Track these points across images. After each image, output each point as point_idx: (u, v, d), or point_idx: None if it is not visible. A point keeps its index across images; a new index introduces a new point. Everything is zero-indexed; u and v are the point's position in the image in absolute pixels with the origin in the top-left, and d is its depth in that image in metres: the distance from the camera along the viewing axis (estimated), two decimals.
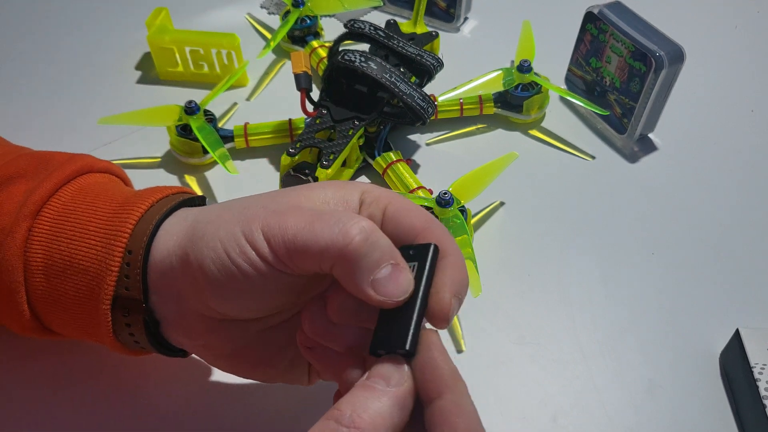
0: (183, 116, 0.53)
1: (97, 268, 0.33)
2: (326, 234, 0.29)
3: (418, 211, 0.32)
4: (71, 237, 0.34)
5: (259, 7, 0.72)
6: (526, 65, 0.57)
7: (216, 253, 0.30)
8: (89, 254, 0.34)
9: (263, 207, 0.31)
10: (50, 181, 0.35)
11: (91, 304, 0.34)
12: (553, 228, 0.51)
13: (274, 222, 0.30)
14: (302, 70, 0.50)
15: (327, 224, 0.29)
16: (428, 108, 0.51)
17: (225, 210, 0.32)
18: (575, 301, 0.47)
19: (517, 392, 0.42)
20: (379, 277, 0.28)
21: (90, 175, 0.38)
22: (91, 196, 0.36)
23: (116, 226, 0.34)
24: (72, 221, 0.34)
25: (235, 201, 0.33)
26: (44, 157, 0.38)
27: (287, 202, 0.31)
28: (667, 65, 0.51)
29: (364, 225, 0.29)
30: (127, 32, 0.67)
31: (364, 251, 0.28)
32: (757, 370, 0.39)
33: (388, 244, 0.29)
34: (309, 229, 0.29)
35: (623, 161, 0.57)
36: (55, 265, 0.34)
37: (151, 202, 0.35)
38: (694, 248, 0.50)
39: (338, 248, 0.28)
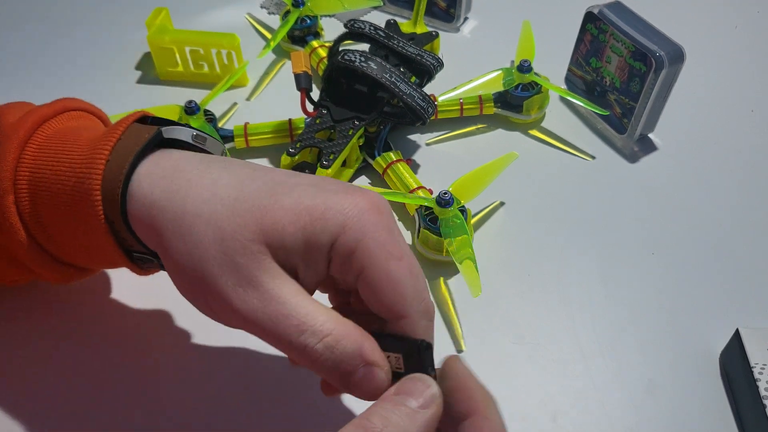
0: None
1: (87, 224, 0.34)
2: (292, 351, 0.30)
3: (392, 290, 0.30)
4: (52, 204, 0.34)
5: (259, 7, 0.72)
6: (526, 65, 0.57)
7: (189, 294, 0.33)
8: (74, 213, 0.34)
9: (220, 276, 0.30)
10: (10, 148, 0.35)
11: (106, 254, 0.35)
12: (553, 228, 0.51)
13: (236, 305, 0.30)
14: (302, 70, 0.50)
15: (290, 333, 0.29)
16: (428, 108, 0.51)
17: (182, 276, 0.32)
18: (575, 301, 0.47)
19: (517, 392, 0.42)
20: (357, 380, 0.30)
21: (46, 125, 0.37)
22: (52, 153, 0.35)
23: (85, 177, 0.33)
24: (45, 189, 0.34)
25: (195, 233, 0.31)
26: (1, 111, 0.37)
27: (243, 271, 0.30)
28: (667, 65, 0.51)
29: (328, 341, 0.29)
30: (127, 32, 0.67)
31: (330, 367, 0.29)
32: (757, 370, 0.39)
33: (352, 347, 0.29)
34: (273, 333, 0.30)
35: (623, 161, 0.57)
36: (52, 227, 0.35)
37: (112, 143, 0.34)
38: (694, 248, 0.50)
39: (305, 363, 0.30)
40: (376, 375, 0.30)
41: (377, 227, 0.31)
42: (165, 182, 0.32)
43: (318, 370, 0.30)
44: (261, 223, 0.30)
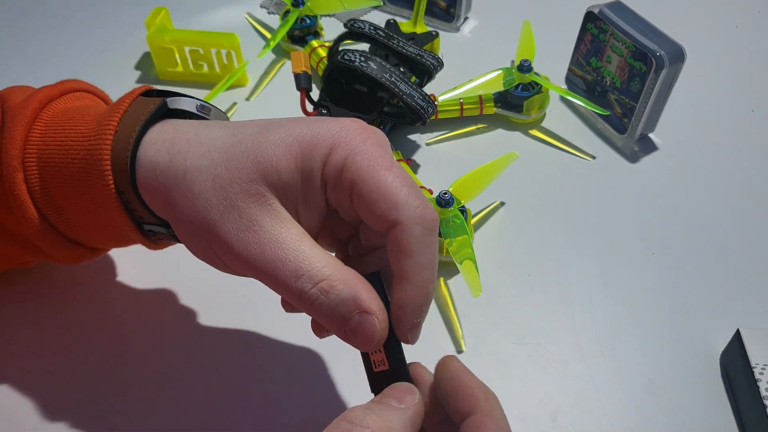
0: None
1: (96, 196, 0.34)
2: (288, 293, 0.30)
3: (384, 197, 0.30)
4: (62, 181, 0.35)
5: (258, 6, 0.72)
6: (527, 65, 0.56)
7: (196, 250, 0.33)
8: (84, 186, 0.34)
9: (223, 222, 0.30)
10: (18, 127, 0.35)
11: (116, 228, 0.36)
12: (553, 228, 0.51)
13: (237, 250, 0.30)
14: (302, 69, 0.50)
15: (287, 276, 0.30)
16: (428, 108, 0.51)
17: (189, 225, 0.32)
18: (575, 301, 0.47)
19: (517, 392, 0.42)
20: (352, 327, 0.30)
21: (52, 105, 0.37)
22: (59, 130, 0.35)
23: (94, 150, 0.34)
24: (53, 165, 0.35)
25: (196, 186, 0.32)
26: (2, 99, 0.38)
27: (244, 216, 0.30)
28: (668, 65, 0.51)
29: (323, 286, 0.29)
30: (127, 32, 0.67)
31: (325, 312, 0.30)
32: (757, 371, 0.39)
33: (348, 292, 0.29)
34: (271, 274, 0.30)
35: (623, 161, 0.57)
36: (63, 203, 0.36)
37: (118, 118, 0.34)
38: (694, 248, 0.50)
39: (301, 306, 0.30)
40: (371, 323, 0.29)
41: (365, 143, 0.31)
42: (167, 146, 0.33)
43: (314, 314, 0.30)
44: (256, 161, 0.31)
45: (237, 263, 0.31)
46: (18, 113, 0.36)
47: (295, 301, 0.30)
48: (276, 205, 0.31)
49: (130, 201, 0.34)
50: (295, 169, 0.30)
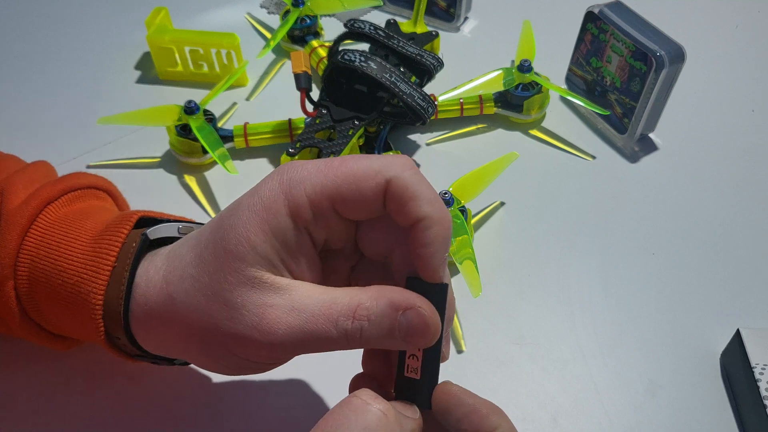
0: (182, 116, 0.53)
1: (87, 329, 0.34)
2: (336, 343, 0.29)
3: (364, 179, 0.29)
4: (50, 297, 0.35)
5: (258, 6, 0.72)
6: (527, 65, 0.56)
7: (216, 367, 0.33)
8: (74, 313, 0.34)
9: (232, 320, 0.29)
10: (11, 236, 0.35)
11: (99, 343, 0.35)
12: (553, 228, 0.51)
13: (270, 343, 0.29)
14: (302, 69, 0.50)
15: (327, 329, 0.29)
16: (428, 108, 0.51)
17: (187, 335, 0.31)
18: (575, 301, 0.47)
19: (517, 392, 0.42)
20: (404, 333, 0.29)
21: (51, 208, 0.37)
22: (53, 247, 0.35)
23: (85, 295, 0.33)
24: (44, 282, 0.35)
25: (185, 306, 0.31)
26: (2, 193, 0.37)
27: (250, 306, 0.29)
28: (668, 65, 0.51)
29: (360, 314, 0.29)
30: (127, 32, 0.67)
31: (375, 335, 0.29)
32: (757, 371, 0.39)
33: (384, 303, 0.29)
34: (314, 341, 0.29)
35: (624, 161, 0.57)
36: (50, 315, 0.36)
37: (110, 263, 0.34)
38: (694, 248, 0.50)
39: (354, 347, 0.29)
40: (416, 313, 0.29)
41: (306, 171, 0.30)
42: (152, 285, 0.32)
43: (372, 345, 0.29)
44: (227, 251, 0.30)
45: (274, 353, 0.30)
46: (14, 219, 0.35)
47: (348, 344, 0.29)
48: (271, 279, 0.29)
49: (119, 338, 0.34)
50: (264, 236, 0.29)
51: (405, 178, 0.29)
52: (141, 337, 0.34)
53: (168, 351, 0.34)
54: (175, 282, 0.31)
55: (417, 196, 0.29)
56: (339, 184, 0.29)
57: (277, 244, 0.29)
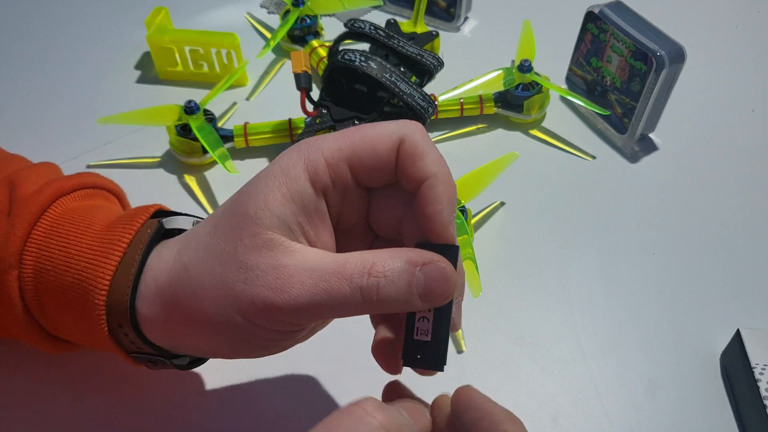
0: (183, 116, 0.53)
1: (88, 322, 0.33)
2: (351, 300, 0.28)
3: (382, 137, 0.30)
4: (54, 289, 0.34)
5: (258, 6, 0.72)
6: (527, 65, 0.56)
7: (222, 342, 0.32)
8: (76, 306, 0.33)
9: (244, 281, 0.29)
10: (22, 223, 0.35)
11: (105, 347, 0.34)
12: (553, 228, 0.51)
13: (279, 302, 0.29)
14: (302, 69, 0.50)
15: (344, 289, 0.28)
16: (428, 108, 0.51)
17: (201, 296, 0.31)
18: (575, 301, 0.47)
19: (517, 392, 0.42)
20: (422, 291, 0.29)
21: (62, 201, 0.36)
22: (63, 235, 0.34)
23: (90, 281, 0.33)
24: (50, 270, 0.34)
25: (200, 274, 0.31)
26: (15, 184, 0.37)
27: (264, 267, 0.29)
28: (668, 65, 0.51)
29: (376, 270, 0.28)
30: (127, 32, 0.67)
31: (393, 292, 0.28)
32: (758, 371, 0.39)
33: (401, 260, 0.29)
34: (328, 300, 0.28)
35: (624, 161, 0.57)
36: (51, 311, 0.35)
37: (122, 249, 0.33)
38: (694, 248, 0.50)
39: (372, 309, 0.29)
40: (436, 267, 0.29)
41: (324, 140, 0.31)
42: (164, 266, 0.32)
43: (385, 304, 0.29)
44: (246, 215, 0.30)
45: (289, 316, 0.29)
46: (25, 206, 0.35)
47: (363, 303, 0.28)
48: (287, 242, 0.29)
49: (123, 327, 0.33)
50: (284, 199, 0.30)
51: (416, 137, 0.30)
52: (148, 325, 0.33)
53: (176, 337, 0.33)
54: (190, 252, 0.31)
55: (426, 155, 0.30)
56: (356, 144, 0.30)
57: (295, 207, 0.30)
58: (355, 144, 0.30)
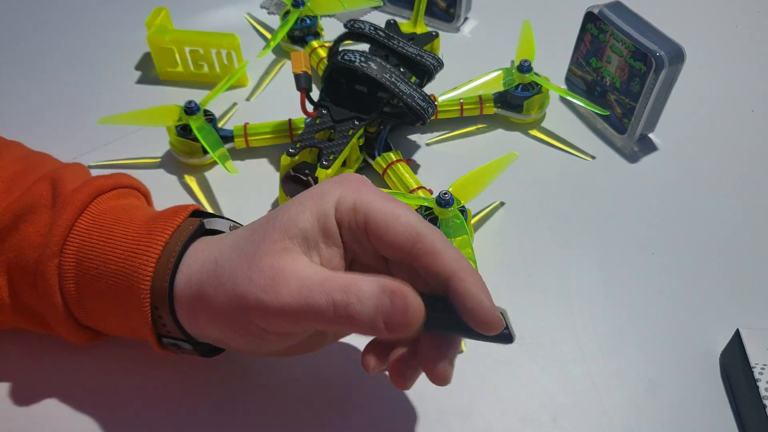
0: (183, 116, 0.53)
1: (128, 307, 0.36)
2: (324, 312, 0.30)
3: (401, 222, 0.33)
4: (96, 276, 0.36)
5: (258, 7, 0.72)
6: (526, 65, 0.56)
7: (225, 335, 0.34)
8: (118, 292, 0.36)
9: (248, 279, 0.32)
10: (64, 217, 0.37)
11: (131, 324, 0.37)
12: (553, 228, 0.51)
13: (266, 302, 0.31)
14: (302, 70, 0.50)
15: (320, 300, 0.30)
16: (428, 108, 0.51)
17: (217, 290, 0.33)
18: (575, 301, 0.47)
19: (517, 392, 0.42)
20: (387, 315, 0.30)
21: (101, 199, 0.39)
22: (106, 228, 0.37)
23: (136, 268, 0.35)
24: (93, 259, 0.36)
25: (222, 267, 0.33)
26: (56, 182, 0.39)
27: (267, 270, 0.32)
28: (668, 65, 0.51)
29: (352, 289, 0.30)
30: (127, 32, 0.67)
31: (360, 310, 0.30)
32: (757, 371, 0.39)
33: (374, 285, 0.30)
34: (306, 308, 0.30)
35: (623, 161, 0.57)
36: (89, 299, 0.37)
37: (164, 240, 0.36)
38: (694, 248, 0.50)
39: (341, 323, 0.31)
40: (403, 297, 0.30)
41: (367, 188, 0.34)
42: (202, 255, 0.35)
43: (358, 323, 0.30)
44: (275, 224, 0.33)
45: (278, 319, 0.31)
46: (69, 201, 0.37)
47: (334, 317, 0.30)
48: (298, 253, 0.32)
49: (162, 316, 0.36)
50: (311, 216, 0.33)
51: (434, 237, 0.33)
52: (179, 311, 0.35)
53: (198, 326, 0.35)
54: (223, 249, 0.34)
55: (445, 253, 0.32)
56: (379, 217, 0.33)
57: (317, 225, 0.33)
58: (378, 222, 0.33)
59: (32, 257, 0.37)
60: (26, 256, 0.37)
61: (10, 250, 0.37)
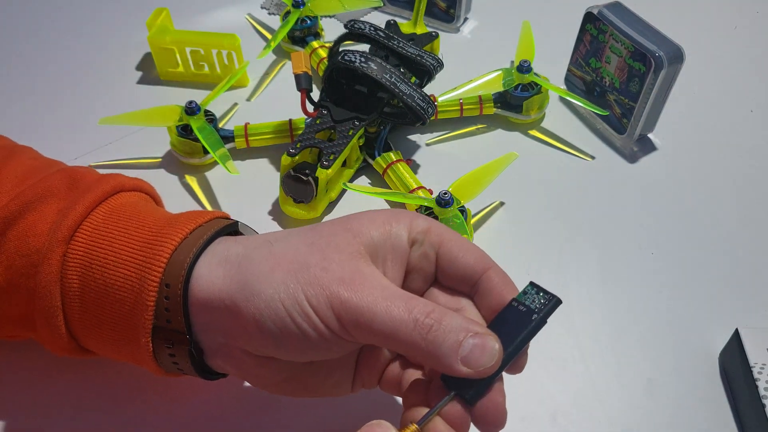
0: (183, 116, 0.53)
1: (133, 301, 0.33)
2: (403, 326, 0.30)
3: (473, 251, 0.34)
4: (105, 265, 0.34)
5: (259, 7, 0.72)
6: (526, 65, 0.57)
7: (277, 314, 0.30)
8: (125, 285, 0.33)
9: (323, 269, 0.31)
10: (82, 204, 0.35)
11: (130, 334, 0.34)
12: (552, 228, 0.51)
13: (345, 297, 0.30)
14: (302, 70, 0.51)
15: (402, 313, 0.30)
16: (428, 108, 0.52)
17: (276, 264, 0.31)
18: (575, 301, 0.47)
19: (517, 391, 0.42)
20: (466, 354, 0.30)
21: (120, 195, 0.37)
22: (123, 219, 0.35)
23: (150, 258, 0.33)
24: (105, 248, 0.34)
25: (283, 249, 0.32)
26: (75, 176, 0.38)
27: (346, 265, 0.31)
28: (667, 65, 0.51)
29: (434, 316, 0.30)
30: (128, 33, 0.67)
31: (441, 339, 0.29)
32: (756, 370, 0.39)
33: (459, 320, 0.30)
34: (385, 315, 0.30)
35: (623, 161, 0.57)
36: (91, 292, 0.34)
37: (185, 233, 0.34)
38: (693, 248, 0.50)
39: (416, 343, 0.30)
40: (488, 342, 0.30)
41: (436, 221, 0.35)
42: (242, 242, 0.34)
43: (426, 347, 0.29)
44: (348, 228, 0.32)
45: (347, 313, 0.30)
46: (92, 189, 0.36)
47: (412, 336, 0.29)
48: (369, 261, 0.32)
49: (169, 297, 0.33)
50: (384, 231, 0.33)
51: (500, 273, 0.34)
52: (197, 287, 0.32)
53: (218, 312, 0.32)
54: (278, 235, 0.33)
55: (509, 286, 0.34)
56: (462, 252, 0.34)
57: (388, 243, 0.33)
58: (453, 246, 0.34)
59: (36, 245, 0.34)
60: (29, 244, 0.34)
61: (14, 240, 0.35)
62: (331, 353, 0.32)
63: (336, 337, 0.31)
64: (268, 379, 0.35)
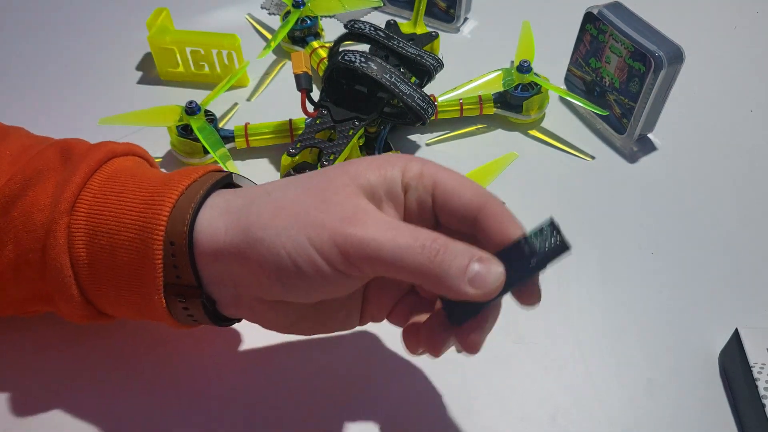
0: (184, 116, 0.53)
1: (141, 262, 0.34)
2: (410, 252, 0.30)
3: (468, 187, 0.33)
4: (108, 231, 0.34)
5: (259, 7, 0.72)
6: (526, 65, 0.57)
7: (281, 260, 0.31)
8: (130, 248, 0.34)
9: (323, 211, 0.31)
10: (78, 175, 0.36)
11: (143, 294, 0.35)
12: None
13: (350, 234, 0.30)
14: (302, 70, 0.51)
15: (408, 240, 0.30)
16: (428, 108, 0.52)
17: (277, 211, 0.32)
18: (575, 301, 0.47)
19: (517, 392, 0.42)
20: (473, 276, 0.30)
21: (114, 160, 0.38)
22: (119, 184, 0.36)
23: (150, 219, 0.34)
24: (106, 214, 0.35)
25: (282, 196, 0.33)
26: (66, 147, 0.38)
27: (346, 204, 0.32)
28: (667, 65, 0.51)
29: (441, 241, 0.30)
30: (128, 33, 0.67)
31: (449, 262, 0.30)
32: (756, 370, 0.39)
33: (464, 245, 0.31)
34: (392, 243, 0.30)
35: (623, 161, 0.57)
36: (99, 259, 0.35)
37: (180, 190, 0.34)
38: (693, 248, 0.50)
39: (425, 267, 0.30)
40: (492, 267, 0.31)
41: (430, 161, 0.35)
42: (241, 192, 0.35)
43: (434, 271, 0.30)
44: (345, 171, 0.33)
45: (352, 247, 0.30)
46: (84, 159, 0.36)
47: (420, 260, 0.30)
48: (368, 201, 0.32)
49: (175, 255, 0.33)
50: (380, 176, 0.33)
51: (499, 205, 0.34)
52: (203, 242, 0.33)
53: (226, 261, 0.33)
54: (275, 185, 0.34)
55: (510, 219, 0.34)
56: (447, 188, 0.33)
57: (384, 185, 0.33)
58: (447, 187, 0.33)
59: (40, 220, 0.35)
60: (34, 219, 0.35)
61: (18, 217, 0.36)
62: (338, 291, 0.33)
63: (342, 275, 0.31)
64: (280, 322, 0.36)
